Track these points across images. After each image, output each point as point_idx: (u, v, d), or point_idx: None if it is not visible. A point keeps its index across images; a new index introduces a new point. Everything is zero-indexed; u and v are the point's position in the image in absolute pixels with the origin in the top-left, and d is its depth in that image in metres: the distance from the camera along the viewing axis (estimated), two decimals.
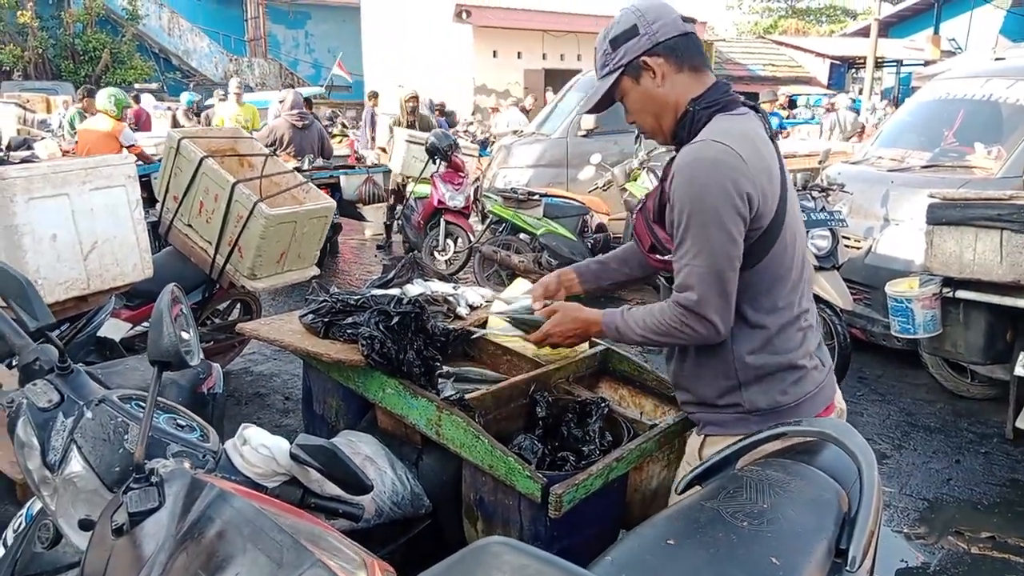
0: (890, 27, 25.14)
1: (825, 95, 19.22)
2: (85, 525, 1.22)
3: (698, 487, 1.67)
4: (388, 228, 9.17)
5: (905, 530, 3.27)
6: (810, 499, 1.47)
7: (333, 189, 7.23)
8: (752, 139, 1.69)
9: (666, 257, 1.80)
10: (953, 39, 23.63)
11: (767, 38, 29.10)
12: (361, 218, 8.74)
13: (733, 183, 1.60)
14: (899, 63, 24.84)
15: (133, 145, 7.25)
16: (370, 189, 7.93)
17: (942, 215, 3.74)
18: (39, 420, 1.45)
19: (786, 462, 1.62)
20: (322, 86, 25.41)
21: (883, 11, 21.65)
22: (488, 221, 6.92)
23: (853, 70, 25.71)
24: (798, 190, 4.70)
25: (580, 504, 1.78)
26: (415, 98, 9.47)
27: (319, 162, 7.65)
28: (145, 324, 3.95)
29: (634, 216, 1.97)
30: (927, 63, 21.74)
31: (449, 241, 7.46)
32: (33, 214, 2.84)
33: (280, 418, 4.28)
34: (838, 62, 25.11)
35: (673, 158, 1.79)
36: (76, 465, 1.41)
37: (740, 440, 1.73)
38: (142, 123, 13.04)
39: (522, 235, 6.65)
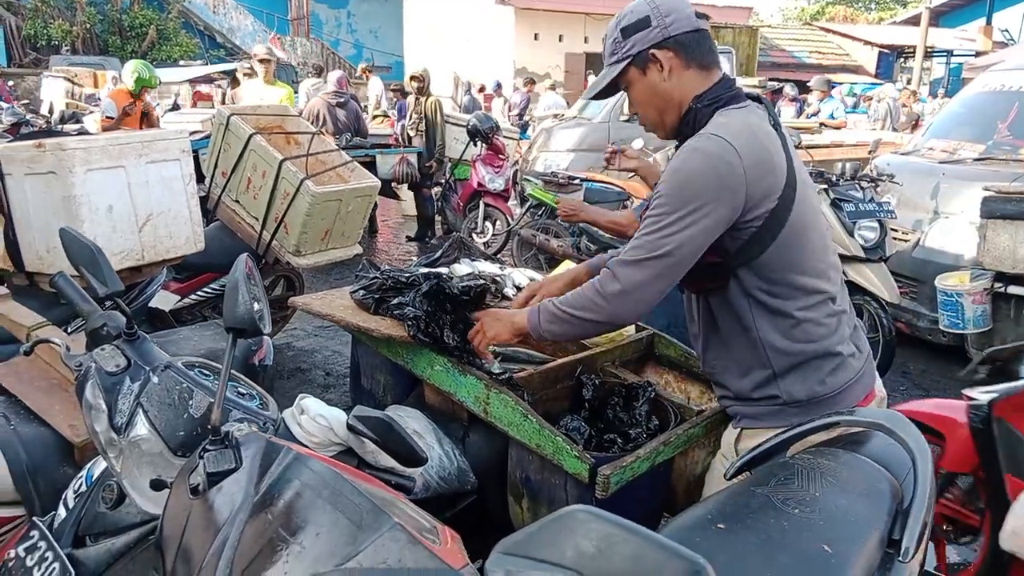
0: (941, 16, 24.55)
1: (873, 84, 18.82)
2: (157, 485, 1.26)
3: (747, 473, 1.67)
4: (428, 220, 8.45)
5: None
6: (863, 489, 1.46)
7: (368, 167, 7.25)
8: (753, 130, 1.68)
9: None
10: (1006, 30, 23.01)
11: (814, 25, 28.58)
12: (396, 197, 8.80)
13: (719, 178, 1.59)
14: (949, 53, 24.22)
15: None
16: (404, 169, 7.97)
17: (997, 209, 3.67)
18: (107, 384, 1.50)
19: (838, 451, 1.61)
20: (362, 67, 25.48)
21: None
22: (527, 204, 6.91)
23: (902, 59, 25.14)
24: (847, 180, 4.63)
25: (626, 486, 1.79)
26: (417, 77, 8.36)
27: (356, 141, 7.69)
28: (194, 296, 4.04)
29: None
30: (978, 54, 21.21)
31: (488, 223, 7.48)
32: (91, 185, 2.90)
33: (321, 392, 4.34)
34: (887, 51, 24.58)
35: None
36: (142, 428, 1.46)
37: (791, 428, 1.72)
38: None
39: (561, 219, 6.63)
